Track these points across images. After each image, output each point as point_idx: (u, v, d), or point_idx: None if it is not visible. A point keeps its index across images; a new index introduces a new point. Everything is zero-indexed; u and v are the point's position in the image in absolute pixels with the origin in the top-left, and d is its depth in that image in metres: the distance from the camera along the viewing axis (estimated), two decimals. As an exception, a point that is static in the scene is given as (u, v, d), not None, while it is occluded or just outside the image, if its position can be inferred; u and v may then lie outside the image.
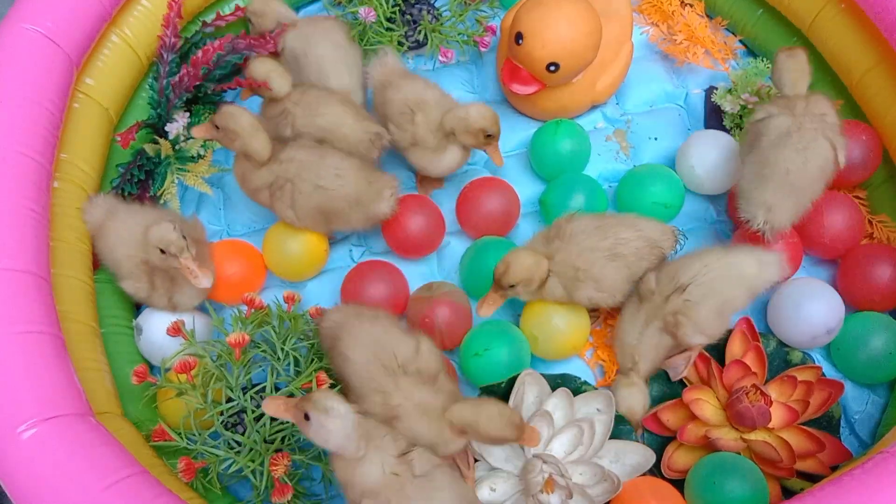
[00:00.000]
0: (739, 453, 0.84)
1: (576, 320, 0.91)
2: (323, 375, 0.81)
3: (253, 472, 0.80)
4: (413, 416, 0.74)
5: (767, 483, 0.80)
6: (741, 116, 1.06)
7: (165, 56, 1.03)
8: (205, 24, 1.12)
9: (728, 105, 1.05)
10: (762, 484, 0.79)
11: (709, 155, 1.00)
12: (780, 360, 0.91)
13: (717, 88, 1.10)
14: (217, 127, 0.90)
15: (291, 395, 0.82)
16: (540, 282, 0.86)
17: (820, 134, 0.85)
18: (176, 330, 0.84)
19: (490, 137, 0.94)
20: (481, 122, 0.93)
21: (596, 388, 0.89)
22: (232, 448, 0.81)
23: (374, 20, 1.10)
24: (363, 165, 0.95)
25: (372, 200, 0.93)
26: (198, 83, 1.03)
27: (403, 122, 0.97)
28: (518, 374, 0.86)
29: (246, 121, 0.89)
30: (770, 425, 0.84)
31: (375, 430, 0.70)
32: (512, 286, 0.85)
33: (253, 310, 0.88)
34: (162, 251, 0.84)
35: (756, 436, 0.84)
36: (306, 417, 0.66)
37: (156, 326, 0.91)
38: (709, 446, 0.84)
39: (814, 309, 0.89)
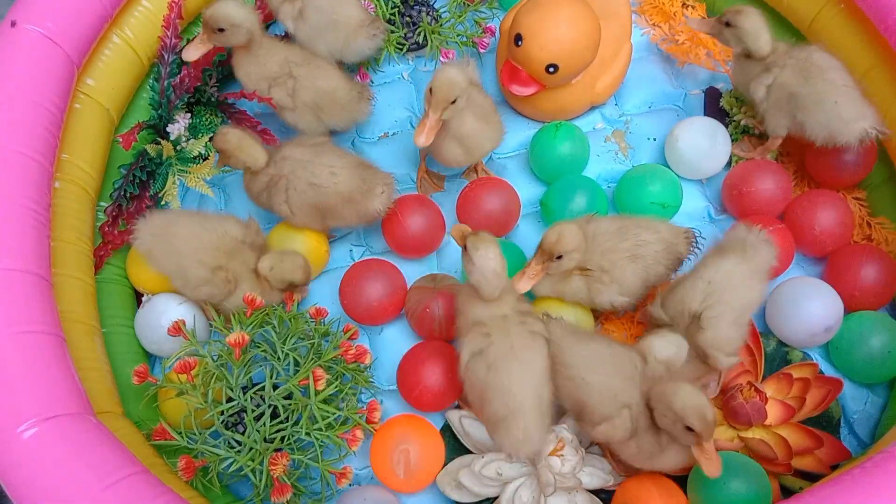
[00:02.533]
0: (738, 451, 0.84)
1: (581, 320, 0.91)
2: (319, 371, 0.81)
3: (253, 471, 0.80)
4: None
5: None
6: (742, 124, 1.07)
7: (166, 57, 1.04)
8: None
9: (745, 119, 1.06)
10: (765, 483, 0.79)
11: (697, 140, 1.02)
12: (781, 359, 0.92)
13: (718, 90, 1.10)
14: (218, 150, 0.94)
15: (290, 395, 0.83)
16: (578, 259, 0.85)
17: (816, 52, 0.94)
18: (177, 329, 0.85)
19: (431, 95, 0.87)
20: (435, 76, 0.87)
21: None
22: (232, 447, 0.81)
23: (373, 12, 1.11)
24: (358, 163, 0.96)
25: (365, 198, 0.94)
26: (199, 84, 1.03)
27: None
28: None
29: (233, 137, 0.93)
30: (767, 422, 0.84)
31: (511, 294, 0.80)
32: (559, 257, 0.83)
33: (253, 310, 0.88)
34: (289, 282, 0.90)
35: (753, 433, 0.84)
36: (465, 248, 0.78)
37: (163, 305, 0.93)
38: None
39: (812, 308, 0.89)
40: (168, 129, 1.02)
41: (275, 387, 0.83)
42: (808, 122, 0.93)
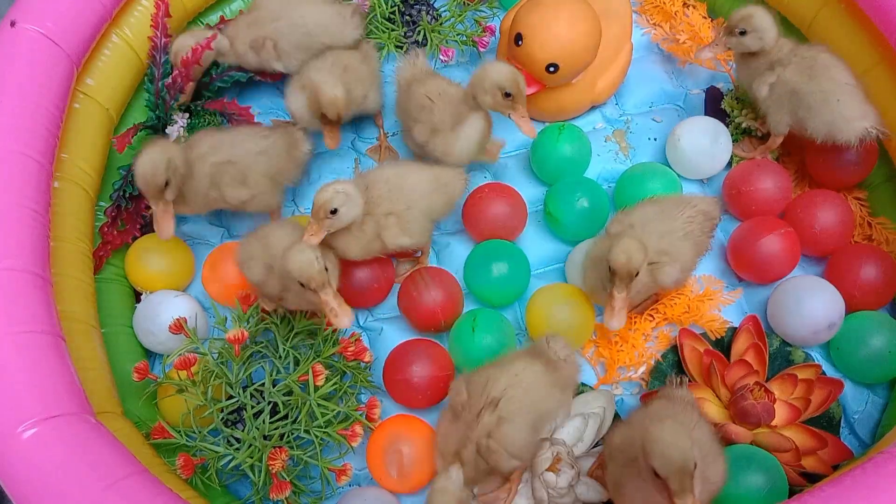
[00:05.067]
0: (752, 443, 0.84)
1: (580, 314, 0.91)
2: (319, 367, 0.81)
3: (251, 467, 0.80)
4: None
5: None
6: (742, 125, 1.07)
7: (158, 57, 1.03)
8: (208, 26, 1.12)
9: (746, 121, 1.06)
10: (780, 474, 0.79)
11: (699, 140, 1.02)
12: (783, 359, 0.92)
13: (719, 90, 1.10)
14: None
15: (290, 392, 0.83)
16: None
17: (822, 52, 0.94)
18: (178, 327, 0.85)
19: (510, 98, 0.88)
20: (496, 76, 0.87)
21: (593, 389, 0.90)
22: (231, 445, 0.81)
23: (366, 9, 1.11)
24: (266, 126, 1.00)
25: (294, 145, 0.97)
26: (190, 82, 1.03)
27: (423, 115, 0.95)
28: None
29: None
30: (773, 423, 0.84)
31: None
32: (636, 275, 0.80)
33: (249, 306, 0.88)
34: (302, 284, 0.78)
35: (760, 433, 0.84)
36: (334, 213, 0.81)
37: (161, 298, 0.93)
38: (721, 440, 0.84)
39: (815, 304, 0.89)
40: (167, 131, 1.02)
41: (274, 383, 0.84)
42: (809, 120, 0.93)
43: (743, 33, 0.94)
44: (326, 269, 0.77)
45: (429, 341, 0.93)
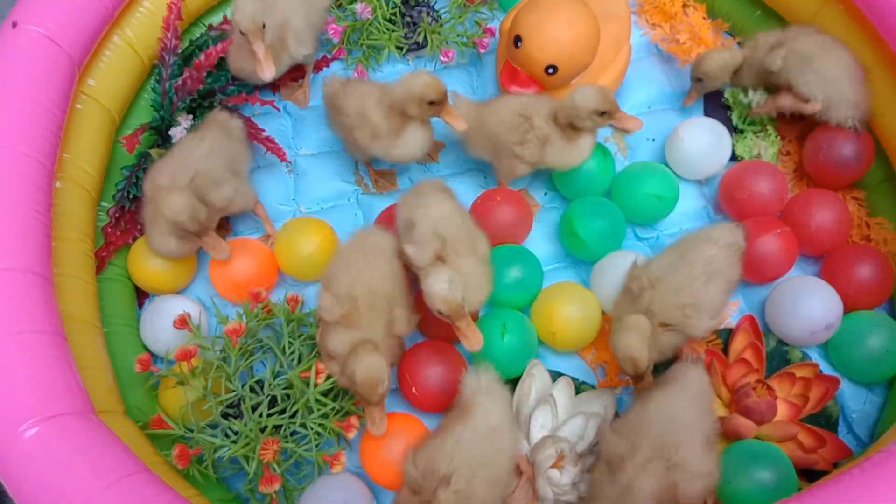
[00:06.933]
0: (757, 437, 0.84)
1: (589, 312, 0.91)
2: (321, 366, 0.82)
3: (246, 458, 0.80)
4: None
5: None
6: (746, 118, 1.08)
7: (167, 58, 1.04)
8: (210, 27, 1.12)
9: (749, 98, 1.05)
10: (789, 469, 0.80)
11: (702, 139, 1.02)
12: (780, 358, 0.92)
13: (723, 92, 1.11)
14: None
15: (290, 386, 0.83)
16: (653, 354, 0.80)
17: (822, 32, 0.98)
18: (182, 322, 0.85)
19: (434, 105, 0.91)
20: (421, 90, 0.90)
21: (595, 388, 0.90)
22: (228, 437, 0.82)
23: (370, 16, 1.11)
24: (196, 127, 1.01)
25: (227, 127, 0.99)
26: (201, 86, 1.03)
27: (359, 125, 0.97)
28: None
29: None
30: (774, 421, 0.85)
31: None
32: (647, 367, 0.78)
33: (258, 304, 0.89)
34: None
35: (762, 431, 0.85)
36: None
37: (169, 304, 0.93)
38: (728, 435, 0.85)
39: (812, 305, 0.89)
40: (170, 133, 1.03)
41: (276, 376, 0.84)
42: (814, 84, 0.95)
43: (699, 80, 1.02)
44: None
45: (443, 343, 0.92)
